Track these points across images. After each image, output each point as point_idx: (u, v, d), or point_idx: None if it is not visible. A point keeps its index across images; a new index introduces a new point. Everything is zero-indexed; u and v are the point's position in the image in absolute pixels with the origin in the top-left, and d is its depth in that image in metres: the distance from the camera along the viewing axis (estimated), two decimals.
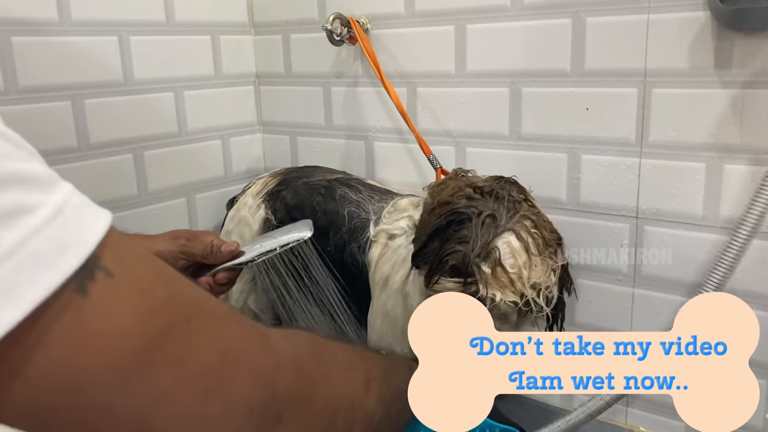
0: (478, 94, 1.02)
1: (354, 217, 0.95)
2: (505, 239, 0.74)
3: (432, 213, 0.79)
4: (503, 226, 0.74)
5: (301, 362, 0.47)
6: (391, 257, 0.89)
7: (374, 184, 1.04)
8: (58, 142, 1.02)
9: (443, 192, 0.81)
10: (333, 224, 0.96)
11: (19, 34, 0.95)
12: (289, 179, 1.07)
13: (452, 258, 0.74)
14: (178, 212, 1.21)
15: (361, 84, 1.16)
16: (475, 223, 0.74)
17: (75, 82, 1.03)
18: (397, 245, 0.88)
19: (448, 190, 0.80)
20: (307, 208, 1.00)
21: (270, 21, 1.27)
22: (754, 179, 0.80)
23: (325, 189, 1.01)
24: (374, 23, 1.10)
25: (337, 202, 0.98)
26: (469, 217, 0.75)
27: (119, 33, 1.08)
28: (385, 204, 0.96)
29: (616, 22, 0.87)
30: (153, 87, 1.14)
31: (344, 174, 1.08)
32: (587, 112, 0.92)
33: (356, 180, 1.04)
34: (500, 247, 0.73)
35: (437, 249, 0.76)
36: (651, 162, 0.89)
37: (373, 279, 0.91)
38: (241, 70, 1.30)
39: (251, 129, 1.33)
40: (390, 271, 0.88)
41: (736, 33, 0.79)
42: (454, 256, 0.74)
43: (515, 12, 0.95)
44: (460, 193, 0.78)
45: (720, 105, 0.82)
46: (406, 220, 0.89)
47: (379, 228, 0.92)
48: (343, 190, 0.99)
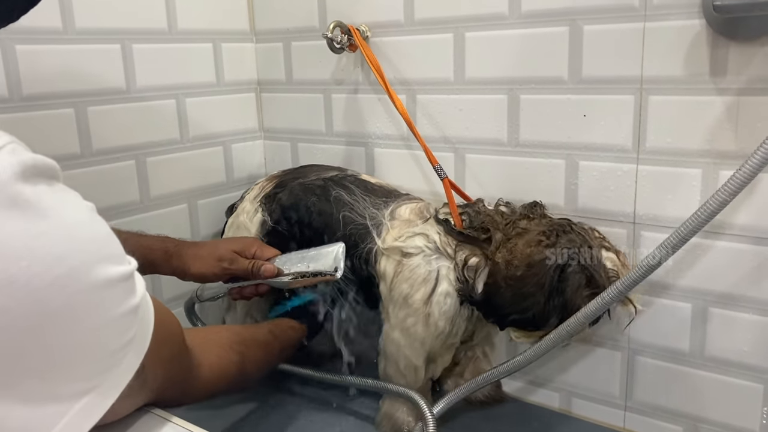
0: (476, 101, 1.03)
1: (349, 222, 0.96)
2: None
3: (526, 276, 0.80)
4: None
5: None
6: (409, 276, 0.89)
7: (368, 181, 1.04)
8: (61, 149, 1.03)
9: (516, 250, 0.82)
10: (328, 226, 0.97)
11: (24, 43, 0.96)
12: (286, 181, 1.08)
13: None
14: (180, 218, 1.22)
15: (361, 91, 1.17)
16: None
17: (78, 89, 1.04)
18: (415, 265, 0.89)
19: (521, 247, 0.82)
20: (302, 208, 1.01)
21: (271, 29, 1.28)
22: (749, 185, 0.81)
23: (320, 189, 1.01)
24: (374, 31, 1.12)
25: (332, 204, 0.99)
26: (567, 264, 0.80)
27: (122, 41, 1.09)
28: (382, 209, 0.96)
29: (612, 30, 0.88)
30: (155, 94, 1.15)
31: (339, 171, 1.08)
32: (584, 118, 0.93)
33: (351, 178, 1.04)
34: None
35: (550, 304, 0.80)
36: (648, 168, 0.90)
37: (389, 294, 0.92)
38: (242, 78, 1.31)
39: (252, 135, 1.34)
40: (409, 291, 0.89)
41: (731, 41, 0.80)
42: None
43: (513, 20, 0.96)
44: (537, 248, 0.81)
45: (715, 112, 0.83)
46: (422, 239, 0.90)
47: (391, 244, 0.92)
48: (338, 192, 1.00)
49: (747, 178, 0.66)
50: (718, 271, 0.87)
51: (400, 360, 0.94)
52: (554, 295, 0.80)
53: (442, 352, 0.96)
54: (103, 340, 0.43)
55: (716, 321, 0.89)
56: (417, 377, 0.95)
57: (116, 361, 0.45)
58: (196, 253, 0.92)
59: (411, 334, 0.91)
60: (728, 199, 0.68)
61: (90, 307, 0.41)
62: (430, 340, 0.91)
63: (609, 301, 0.76)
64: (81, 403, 0.42)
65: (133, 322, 0.45)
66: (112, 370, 0.44)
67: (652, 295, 0.93)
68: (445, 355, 0.97)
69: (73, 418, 0.42)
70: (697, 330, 0.91)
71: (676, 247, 0.72)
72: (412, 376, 0.95)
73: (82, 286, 0.41)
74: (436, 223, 0.90)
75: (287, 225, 1.02)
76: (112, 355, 0.44)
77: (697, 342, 0.92)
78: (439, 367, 0.99)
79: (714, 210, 0.69)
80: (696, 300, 0.90)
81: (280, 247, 0.98)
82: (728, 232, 0.85)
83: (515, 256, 0.81)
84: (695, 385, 0.93)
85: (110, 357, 0.44)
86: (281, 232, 1.03)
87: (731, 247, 0.86)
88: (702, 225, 0.70)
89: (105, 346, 0.43)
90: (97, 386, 0.43)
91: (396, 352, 0.94)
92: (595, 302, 0.77)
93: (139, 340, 0.47)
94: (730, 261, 0.86)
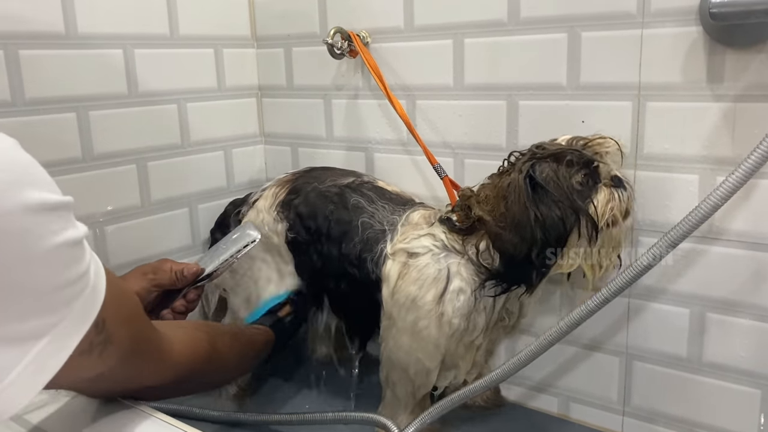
0: (476, 106, 1.04)
1: (367, 227, 0.95)
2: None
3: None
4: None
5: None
6: (417, 277, 0.89)
7: (385, 189, 1.03)
8: (63, 153, 1.04)
9: (489, 199, 0.84)
10: (346, 234, 0.96)
11: (27, 48, 0.97)
12: (299, 186, 1.05)
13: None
14: (181, 222, 1.23)
15: (361, 96, 1.18)
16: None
17: (80, 94, 1.05)
18: (423, 264, 0.88)
19: (490, 193, 0.84)
20: (320, 217, 1.00)
21: (272, 35, 1.29)
22: (746, 190, 0.81)
23: (338, 197, 1.00)
24: (374, 37, 1.12)
25: (350, 212, 0.97)
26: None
27: (124, 46, 1.10)
28: (399, 216, 0.95)
29: (610, 36, 0.89)
30: (157, 99, 1.16)
31: (355, 176, 1.06)
32: (583, 124, 0.94)
33: (368, 185, 1.03)
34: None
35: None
36: (645, 174, 0.90)
37: (392, 298, 0.91)
38: (243, 83, 1.32)
39: (253, 140, 1.35)
40: (418, 292, 0.88)
41: (727, 48, 0.81)
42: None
43: (512, 27, 0.97)
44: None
45: (712, 118, 0.84)
46: (429, 239, 0.89)
47: (396, 247, 0.91)
48: (356, 199, 0.99)
49: (739, 183, 0.67)
50: (715, 277, 0.88)
51: (411, 365, 0.92)
52: (541, 196, 0.79)
53: (462, 353, 0.92)
54: (41, 272, 0.42)
55: (714, 326, 0.90)
56: (428, 381, 0.94)
57: (63, 301, 0.44)
58: (124, 277, 0.90)
59: (423, 337, 0.89)
60: (719, 203, 0.69)
61: (19, 232, 0.40)
62: (445, 341, 0.89)
63: (607, 298, 0.78)
64: (34, 349, 0.42)
65: (77, 259, 0.45)
66: (61, 312, 0.44)
67: (650, 300, 0.94)
68: (466, 356, 0.93)
69: (28, 366, 0.42)
70: (695, 335, 0.91)
71: (669, 248, 0.76)
72: (422, 381, 0.94)
73: (7, 207, 0.40)
74: (440, 224, 0.90)
75: (306, 234, 1.01)
76: (56, 292, 0.44)
77: (695, 347, 0.92)
78: (463, 370, 0.95)
79: (705, 214, 0.70)
80: (694, 305, 0.91)
81: (300, 254, 1.00)
82: (725, 237, 0.86)
83: (491, 204, 0.82)
84: (693, 390, 0.93)
85: (55, 295, 0.43)
86: (300, 242, 1.02)
87: (729, 253, 0.86)
88: (690, 231, 0.72)
89: (46, 279, 0.43)
90: (48, 332, 0.43)
91: (405, 358, 0.92)
92: (593, 301, 0.79)
93: (93, 286, 0.47)
94: (728, 267, 0.87)
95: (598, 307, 0.79)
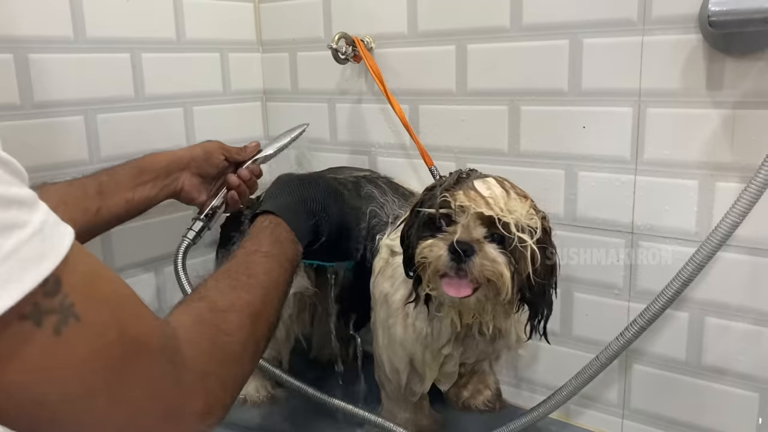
0: (478, 111, 1.05)
1: (373, 216, 0.97)
2: (481, 180, 0.76)
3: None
4: (479, 176, 0.78)
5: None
6: (392, 275, 0.90)
7: (400, 185, 1.05)
8: (70, 155, 1.05)
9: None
10: (356, 219, 0.97)
11: (36, 52, 0.99)
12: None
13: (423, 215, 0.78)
14: (187, 224, 1.23)
15: (365, 101, 1.19)
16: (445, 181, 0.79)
17: (88, 97, 1.06)
18: (398, 263, 0.88)
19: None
20: None
21: (277, 39, 1.30)
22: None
23: (352, 185, 1.01)
24: (378, 42, 1.14)
25: (363, 199, 0.99)
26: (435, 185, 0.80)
27: (132, 50, 1.11)
28: (404, 212, 0.95)
29: (611, 43, 0.90)
30: (163, 102, 1.17)
31: (371, 171, 1.09)
32: (584, 130, 0.95)
33: (383, 179, 1.05)
34: (475, 183, 0.75)
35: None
36: (645, 179, 0.91)
37: (373, 290, 0.93)
38: (248, 87, 1.33)
39: None
40: (390, 290, 0.90)
41: (727, 55, 0.82)
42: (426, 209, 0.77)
43: (514, 33, 0.98)
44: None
45: (712, 124, 0.85)
46: None
47: (385, 241, 0.93)
48: (370, 189, 1.00)
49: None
50: (714, 281, 0.89)
51: (384, 363, 0.93)
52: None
53: (428, 361, 0.90)
54: None
55: (712, 330, 0.91)
56: (400, 383, 0.93)
57: None
58: (186, 149, 1.03)
59: (391, 335, 0.90)
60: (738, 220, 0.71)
61: None
62: (410, 344, 0.89)
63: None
64: None
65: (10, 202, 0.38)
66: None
67: (647, 303, 0.95)
68: (433, 364, 0.90)
69: None
70: (694, 339, 0.92)
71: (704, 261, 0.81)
72: (396, 381, 0.94)
73: None
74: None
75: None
76: None
77: (694, 351, 0.93)
78: (428, 381, 0.92)
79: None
80: (692, 309, 0.91)
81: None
82: (725, 242, 0.87)
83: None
84: (692, 393, 0.94)
85: None
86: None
87: (727, 258, 0.87)
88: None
89: None
90: None
91: (380, 354, 0.94)
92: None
93: (43, 235, 0.39)
94: (727, 271, 0.87)
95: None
